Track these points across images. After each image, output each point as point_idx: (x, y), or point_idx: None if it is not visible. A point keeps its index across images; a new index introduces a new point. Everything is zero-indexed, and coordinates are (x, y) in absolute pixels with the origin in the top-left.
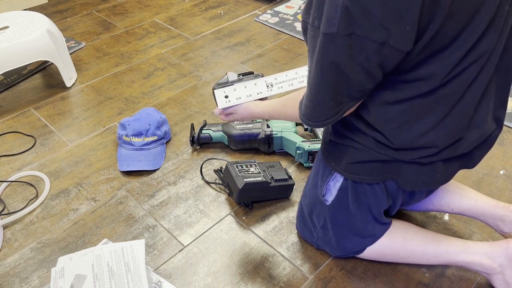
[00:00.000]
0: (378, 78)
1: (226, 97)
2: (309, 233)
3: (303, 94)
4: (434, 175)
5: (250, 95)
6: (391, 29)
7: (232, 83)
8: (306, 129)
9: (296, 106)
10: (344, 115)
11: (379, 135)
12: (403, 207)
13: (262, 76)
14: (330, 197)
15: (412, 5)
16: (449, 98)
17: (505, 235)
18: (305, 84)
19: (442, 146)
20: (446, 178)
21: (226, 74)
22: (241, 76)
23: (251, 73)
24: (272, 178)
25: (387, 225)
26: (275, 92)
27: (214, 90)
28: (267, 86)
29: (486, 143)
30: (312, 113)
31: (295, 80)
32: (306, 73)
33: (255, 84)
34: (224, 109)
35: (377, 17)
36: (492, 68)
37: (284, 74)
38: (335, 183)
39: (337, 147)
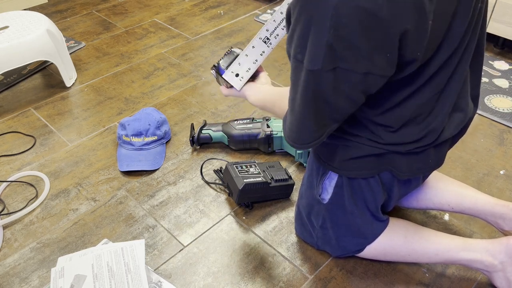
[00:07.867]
0: (361, 103)
1: (237, 75)
2: (308, 235)
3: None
4: (427, 161)
5: (256, 61)
6: (374, 59)
7: (235, 58)
8: None
9: (284, 107)
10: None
11: (372, 134)
12: (402, 203)
13: (239, 49)
14: (327, 196)
15: (391, 35)
16: (435, 88)
17: (505, 233)
18: None
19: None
20: (438, 162)
21: (231, 49)
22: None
23: (230, 49)
24: (272, 178)
25: (384, 223)
26: (275, 44)
27: (223, 76)
28: (265, 42)
29: (467, 124)
30: (297, 137)
31: (285, 20)
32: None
33: (253, 46)
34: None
35: (360, 50)
36: (471, 54)
37: (272, 20)
38: (331, 181)
39: (328, 146)
